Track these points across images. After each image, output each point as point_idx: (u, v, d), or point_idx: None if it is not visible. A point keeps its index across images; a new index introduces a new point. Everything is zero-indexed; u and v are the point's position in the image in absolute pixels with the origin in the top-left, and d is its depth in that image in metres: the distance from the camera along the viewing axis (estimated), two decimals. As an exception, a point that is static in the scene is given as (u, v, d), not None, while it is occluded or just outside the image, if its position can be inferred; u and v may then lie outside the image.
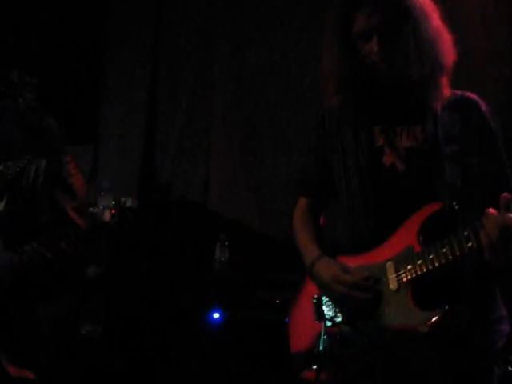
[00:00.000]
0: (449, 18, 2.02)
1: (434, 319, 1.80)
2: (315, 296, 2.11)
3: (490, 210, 1.72)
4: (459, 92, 2.06)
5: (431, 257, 1.83)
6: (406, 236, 1.92)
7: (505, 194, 1.72)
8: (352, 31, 1.97)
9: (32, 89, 2.43)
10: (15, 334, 2.30)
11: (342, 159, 2.11)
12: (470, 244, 1.76)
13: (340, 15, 2.00)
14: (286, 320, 2.29)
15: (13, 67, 2.55)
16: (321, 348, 1.93)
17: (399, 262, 1.91)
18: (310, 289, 2.15)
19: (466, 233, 1.77)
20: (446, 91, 2.01)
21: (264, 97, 4.67)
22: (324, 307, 2.08)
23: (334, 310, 2.05)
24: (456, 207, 1.90)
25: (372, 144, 2.05)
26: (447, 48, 1.96)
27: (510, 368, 2.75)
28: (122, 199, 4.27)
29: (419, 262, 1.86)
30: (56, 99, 4.01)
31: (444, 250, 1.80)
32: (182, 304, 4.16)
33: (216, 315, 3.96)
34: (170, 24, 5.25)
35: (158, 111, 5.24)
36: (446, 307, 1.81)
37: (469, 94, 2.07)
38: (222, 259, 4.10)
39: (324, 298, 2.09)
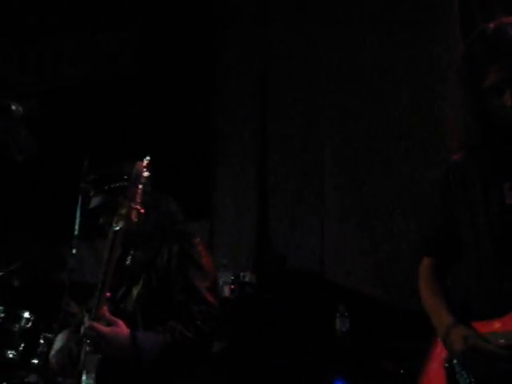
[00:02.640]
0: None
1: None
2: (447, 365, 2.03)
3: None
4: None
5: None
6: None
7: None
8: (483, 85, 1.93)
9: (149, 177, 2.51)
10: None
11: (471, 217, 2.04)
12: None
13: (471, 69, 1.96)
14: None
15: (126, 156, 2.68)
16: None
17: None
18: (440, 356, 2.07)
19: None
20: None
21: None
22: (458, 376, 1.99)
23: (470, 381, 1.95)
24: None
25: (503, 202, 1.98)
26: None
27: None
28: (241, 274, 4.33)
29: None
30: (172, 178, 4.19)
31: None
32: (304, 377, 4.12)
33: (340, 387, 3.89)
34: (276, 99, 5.44)
35: (269, 183, 5.37)
36: None
37: None
38: (343, 330, 4.06)
39: (457, 367, 2.00)
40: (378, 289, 4.46)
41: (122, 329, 2.28)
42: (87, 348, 2.32)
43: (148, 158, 2.37)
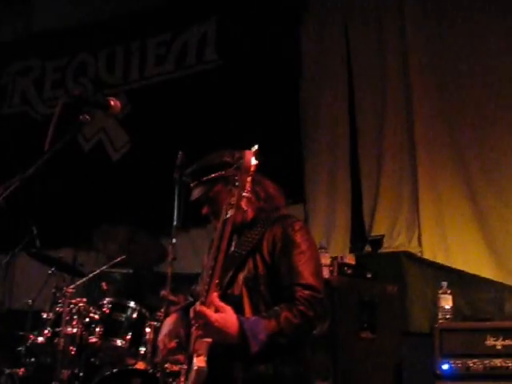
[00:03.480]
0: None
1: None
2: None
3: None
4: None
5: None
6: None
7: None
8: None
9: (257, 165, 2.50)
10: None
11: None
12: None
13: None
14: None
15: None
16: None
17: None
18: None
19: None
20: None
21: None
22: None
23: None
24: None
25: None
26: None
27: None
28: (339, 255, 4.33)
29: None
30: (265, 165, 4.26)
31: None
32: (408, 356, 4.10)
33: (445, 366, 3.84)
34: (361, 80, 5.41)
35: (362, 164, 5.36)
36: None
37: None
38: (446, 307, 4.02)
39: None
40: (482, 266, 4.38)
41: (231, 316, 2.29)
42: (196, 332, 2.37)
43: (256, 146, 2.37)
